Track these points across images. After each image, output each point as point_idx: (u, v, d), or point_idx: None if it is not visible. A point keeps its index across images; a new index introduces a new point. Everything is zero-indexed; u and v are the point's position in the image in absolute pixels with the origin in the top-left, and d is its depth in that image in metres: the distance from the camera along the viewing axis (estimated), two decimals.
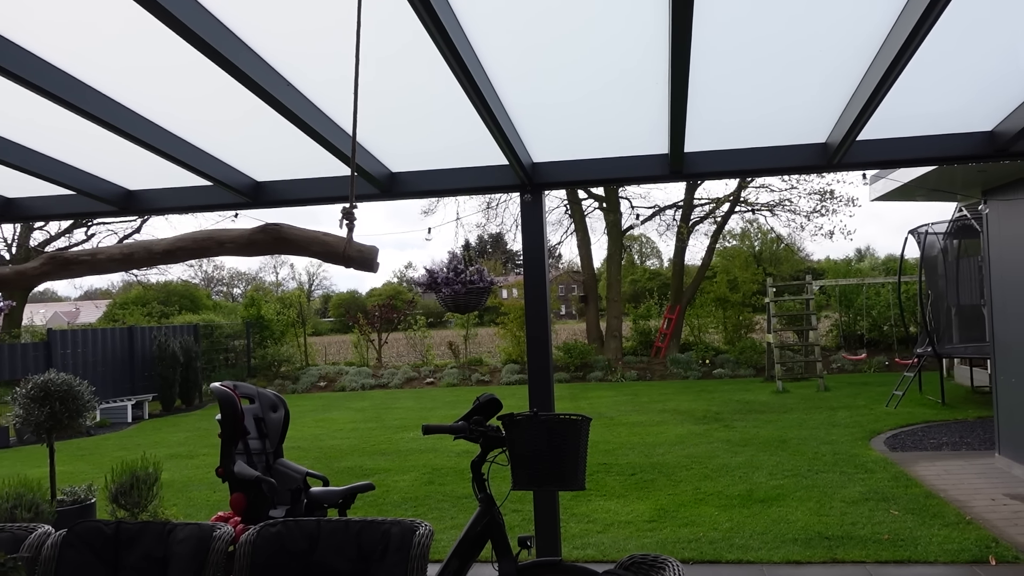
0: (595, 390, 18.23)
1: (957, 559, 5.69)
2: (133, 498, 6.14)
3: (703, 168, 4.33)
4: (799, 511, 7.04)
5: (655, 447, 10.54)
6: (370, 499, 8.18)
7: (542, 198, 4.54)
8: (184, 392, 18.87)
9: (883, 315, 21.21)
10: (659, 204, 25.68)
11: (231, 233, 2.17)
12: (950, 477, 8.06)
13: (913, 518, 6.66)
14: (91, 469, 10.71)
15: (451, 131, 4.14)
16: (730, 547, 6.15)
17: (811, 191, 22.78)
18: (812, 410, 13.25)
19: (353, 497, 4.40)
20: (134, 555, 2.98)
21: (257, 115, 3.63)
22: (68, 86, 3.33)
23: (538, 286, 4.49)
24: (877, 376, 17.97)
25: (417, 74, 3.48)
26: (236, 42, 2.99)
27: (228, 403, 4.31)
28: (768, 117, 4.03)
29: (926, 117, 4.04)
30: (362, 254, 2.11)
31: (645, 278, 45.56)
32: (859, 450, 9.64)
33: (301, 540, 2.93)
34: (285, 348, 24.14)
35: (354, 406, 17.29)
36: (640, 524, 6.92)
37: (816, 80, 3.59)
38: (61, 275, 2.33)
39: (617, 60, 3.41)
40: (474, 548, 3.48)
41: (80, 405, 6.35)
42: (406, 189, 4.60)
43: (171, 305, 35.75)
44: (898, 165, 4.43)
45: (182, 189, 4.88)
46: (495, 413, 3.53)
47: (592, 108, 3.92)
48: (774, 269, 26.89)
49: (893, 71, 3.13)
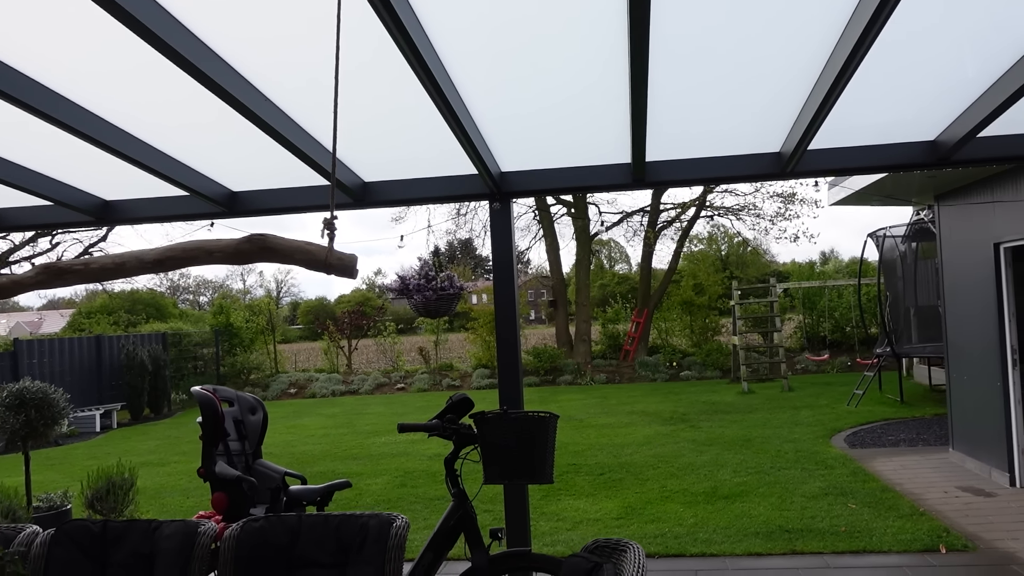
0: (565, 393, 18.44)
1: (910, 548, 5.95)
2: (109, 503, 6.21)
3: (664, 176, 4.53)
4: (761, 506, 7.27)
5: (623, 447, 10.76)
6: (344, 501, 8.30)
7: (510, 206, 4.72)
8: (153, 401, 18.79)
9: (845, 317, 21.67)
10: (626, 210, 26.02)
11: (219, 243, 2.32)
12: (906, 472, 8.35)
13: (870, 511, 6.92)
14: (61, 478, 10.70)
15: (422, 141, 4.30)
16: (694, 541, 6.36)
17: (774, 194, 23.20)
18: (776, 410, 13.56)
19: (331, 495, 4.54)
20: (121, 552, 3.11)
21: (232, 126, 3.76)
22: (44, 97, 3.43)
23: (507, 291, 4.66)
24: (839, 376, 18.37)
25: (388, 87, 3.63)
26: (212, 56, 3.12)
27: (208, 406, 4.44)
28: (725, 128, 4.24)
29: (873, 128, 4.28)
30: (343, 261, 2.27)
31: (614, 283, 45.92)
32: (820, 447, 9.92)
33: (283, 534, 3.07)
34: (255, 356, 24.08)
35: (325, 412, 17.34)
36: (608, 521, 7.11)
37: (768, 93, 3.81)
38: (55, 284, 2.47)
39: (580, 74, 3.59)
40: (448, 541, 3.64)
41: (55, 413, 6.41)
42: (379, 198, 4.75)
43: (137, 314, 35.42)
44: (847, 173, 4.67)
45: (158, 199, 4.99)
46: (467, 412, 3.70)
47: (558, 119, 4.10)
48: (740, 272, 27.33)
49: (838, 84, 3.35)
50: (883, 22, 2.84)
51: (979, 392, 8.05)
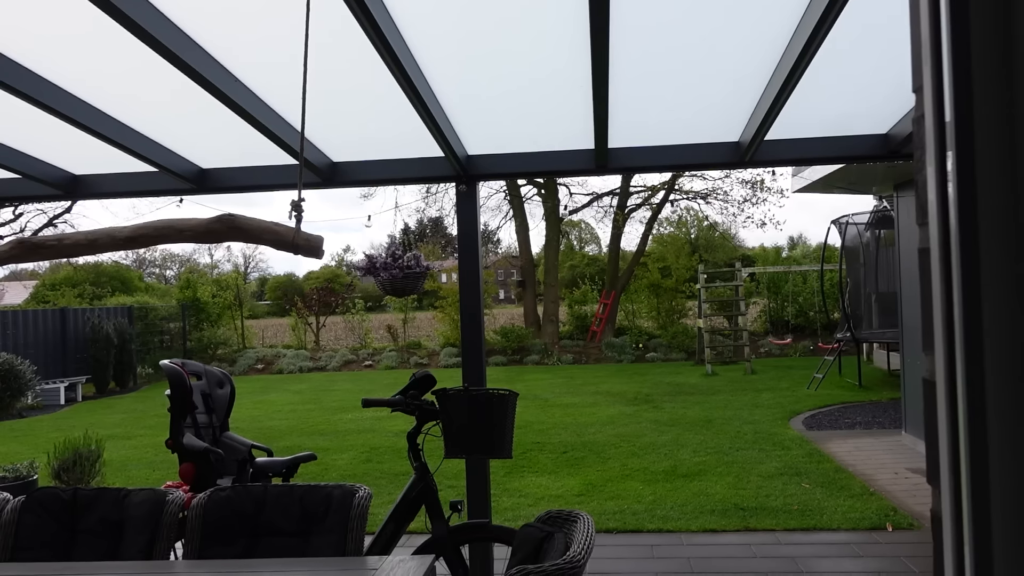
0: (531, 373, 18.62)
1: (858, 526, 6.18)
2: (76, 474, 6.26)
3: (626, 163, 4.65)
4: (718, 485, 7.48)
5: (587, 427, 10.95)
6: (310, 476, 8.39)
7: (476, 189, 4.82)
8: (118, 374, 18.69)
9: (809, 301, 22.05)
10: (596, 191, 26.16)
11: (190, 222, 2.41)
12: (859, 453, 8.61)
13: (822, 491, 7.16)
14: (26, 450, 10.68)
15: (391, 123, 4.37)
16: (652, 518, 6.55)
17: (742, 181, 23.48)
18: (738, 392, 13.83)
19: (296, 467, 4.65)
20: (91, 519, 3.19)
21: (203, 105, 3.81)
22: (14, 73, 3.47)
23: (472, 273, 4.77)
24: (802, 360, 18.73)
25: (356, 67, 3.70)
26: (177, 31, 3.17)
27: (177, 379, 4.52)
28: (685, 117, 4.36)
29: (828, 120, 4.42)
30: (309, 243, 2.38)
31: (583, 264, 46.15)
32: (778, 429, 10.18)
33: (249, 503, 3.18)
34: (222, 331, 24.01)
35: (292, 388, 17.38)
36: (569, 498, 7.29)
37: (727, 84, 3.93)
38: (28, 258, 2.54)
39: (545, 60, 3.69)
40: (409, 513, 3.77)
41: (21, 384, 6.43)
42: (347, 178, 4.83)
43: (103, 287, 35.07)
44: (803, 163, 4.83)
45: (128, 175, 5.02)
46: (430, 388, 3.82)
47: (523, 104, 4.21)
48: (709, 256, 27.63)
49: (793, 77, 3.48)
50: (836, 15, 2.97)
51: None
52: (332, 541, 3.06)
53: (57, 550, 3.12)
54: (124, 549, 3.10)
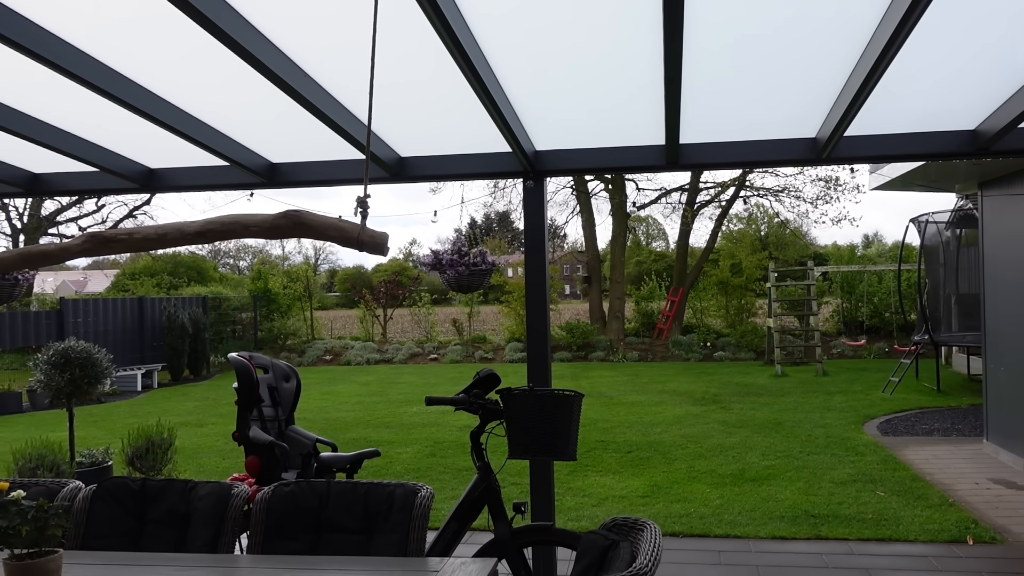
0: (596, 370, 18.49)
1: (936, 538, 5.93)
2: (148, 461, 6.41)
3: (698, 159, 4.53)
4: (788, 490, 7.29)
5: (652, 426, 10.80)
6: (374, 469, 8.46)
7: (544, 185, 4.75)
8: (192, 363, 19.19)
9: (884, 302, 21.40)
10: (664, 187, 25.82)
11: (256, 218, 2.39)
12: (937, 461, 8.29)
13: (898, 499, 6.91)
14: (103, 434, 11.02)
15: (458, 119, 4.34)
16: (719, 523, 6.40)
17: (816, 178, 22.90)
18: (809, 394, 13.49)
19: (360, 462, 4.66)
20: (158, 509, 3.24)
21: (272, 100, 3.83)
22: (92, 69, 3.53)
23: (538, 270, 4.71)
24: (876, 362, 18.19)
25: (426, 65, 3.67)
26: (251, 30, 3.18)
27: (244, 372, 4.57)
28: (761, 111, 4.22)
29: (911, 115, 4.23)
30: (374, 239, 2.34)
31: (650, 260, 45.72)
32: (852, 434, 9.88)
33: (312, 499, 3.18)
34: (291, 322, 24.44)
35: (359, 380, 17.59)
36: (634, 499, 7.18)
37: (805, 77, 3.78)
38: (101, 252, 2.57)
39: (616, 54, 3.60)
40: (471, 512, 3.73)
41: (98, 372, 6.61)
42: (414, 173, 4.81)
43: (179, 277, 36.08)
44: (884, 160, 4.63)
45: (200, 168, 5.10)
46: (494, 387, 3.78)
47: (592, 99, 4.12)
48: (780, 254, 27.04)
49: (877, 70, 3.32)
50: (925, 6, 2.82)
51: (1016, 383, 7.95)
52: (394, 540, 3.04)
53: (126, 539, 3.17)
54: (190, 540, 3.13)
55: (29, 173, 5.18)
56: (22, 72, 3.62)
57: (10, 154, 4.87)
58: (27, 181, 5.16)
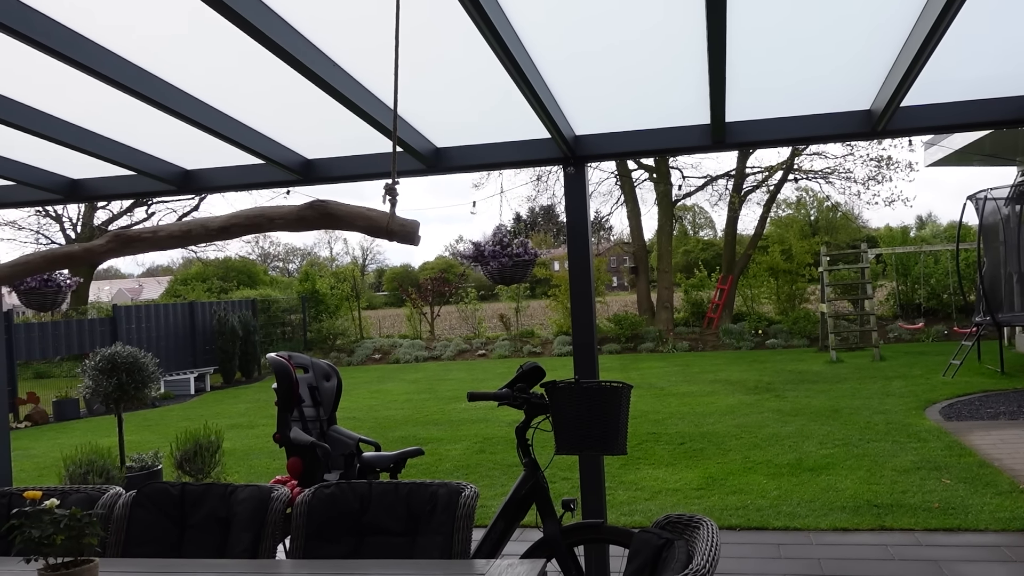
0: (646, 361, 18.26)
1: (1008, 527, 5.66)
2: (197, 464, 6.42)
3: (745, 138, 4.34)
4: (848, 480, 7.04)
5: (705, 417, 10.58)
6: (423, 467, 8.39)
7: (585, 171, 4.60)
8: (243, 365, 19.40)
9: (942, 283, 20.78)
10: (710, 174, 25.43)
11: (281, 210, 2.29)
12: (1005, 446, 7.96)
13: (965, 487, 6.63)
14: (156, 438, 11.14)
15: (495, 105, 4.21)
16: (777, 514, 6.20)
17: (867, 157, 22.31)
18: (866, 380, 13.12)
19: (403, 462, 4.56)
20: (199, 514, 3.17)
21: (306, 95, 3.75)
22: (127, 72, 3.48)
23: (582, 258, 4.56)
24: (935, 346, 17.67)
25: (459, 49, 3.55)
26: (282, 24, 3.10)
27: (283, 372, 4.50)
28: (810, 84, 4.02)
29: (973, 81, 3.99)
30: (404, 228, 2.22)
31: (698, 249, 45.18)
32: (913, 419, 9.55)
33: (354, 501, 3.08)
34: (340, 322, 24.59)
35: (408, 378, 17.60)
36: (688, 492, 7.00)
37: (858, 44, 3.58)
38: (125, 252, 2.48)
39: (657, 28, 3.43)
40: (519, 511, 3.61)
41: (145, 377, 6.64)
42: (451, 164, 4.70)
43: (230, 281, 36.59)
44: (944, 131, 4.40)
45: (236, 168, 5.05)
46: (538, 381, 3.64)
47: (633, 81, 3.96)
48: (830, 238, 26.44)
49: (936, 31, 3.10)
50: None
51: None
52: (438, 542, 2.93)
53: (167, 546, 3.11)
54: (231, 546, 3.06)
55: (68, 179, 5.18)
56: (56, 77, 3.58)
57: (48, 160, 4.87)
58: (66, 187, 5.16)
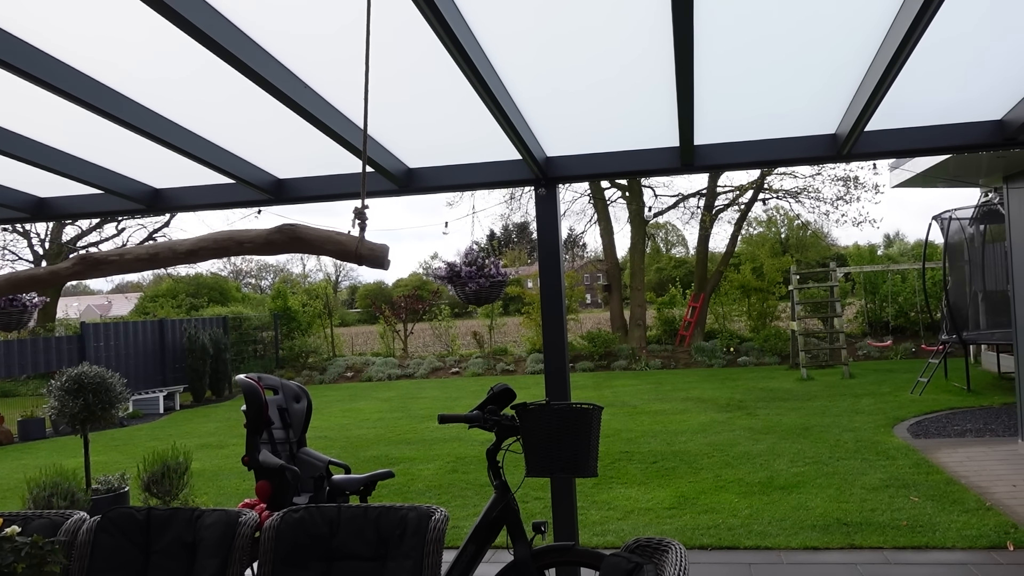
0: (619, 379, 18.29)
1: (975, 545, 5.72)
2: (164, 486, 6.32)
3: (714, 160, 4.39)
4: (819, 498, 7.09)
5: (677, 435, 10.61)
6: (394, 487, 8.34)
7: (556, 192, 4.63)
8: (214, 383, 19.18)
9: (909, 301, 21.07)
10: (682, 192, 25.70)
11: (250, 234, 2.28)
12: (972, 464, 8.06)
13: (933, 504, 6.69)
14: (124, 459, 10.97)
15: (467, 127, 4.23)
16: (749, 534, 6.22)
17: (835, 178, 22.62)
18: (836, 397, 13.24)
19: (374, 485, 4.53)
20: (164, 540, 3.13)
21: (277, 115, 3.74)
22: (95, 91, 3.46)
23: (554, 280, 4.58)
24: (903, 363, 17.87)
25: (434, 74, 3.57)
26: (254, 47, 3.10)
27: (252, 394, 4.46)
28: (776, 109, 4.08)
29: (934, 107, 4.07)
30: (373, 252, 2.22)
31: (670, 266, 45.46)
32: (882, 437, 9.65)
33: (322, 525, 3.05)
34: (312, 339, 24.42)
35: (380, 396, 17.50)
36: (660, 511, 7.01)
37: (823, 71, 3.64)
38: (92, 274, 2.46)
39: (626, 54, 3.48)
40: (490, 533, 3.60)
41: (112, 397, 6.54)
42: (423, 184, 4.70)
43: (201, 298, 36.25)
44: (907, 155, 4.47)
45: (207, 187, 5.02)
46: (509, 402, 3.64)
47: (603, 103, 3.99)
48: (801, 256, 26.73)
49: (897, 61, 3.17)
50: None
51: None
52: (408, 566, 2.91)
53: (131, 573, 3.06)
54: (197, 572, 3.02)
55: (34, 198, 5.12)
56: (23, 96, 3.55)
57: (15, 179, 4.82)
58: (33, 206, 5.11)
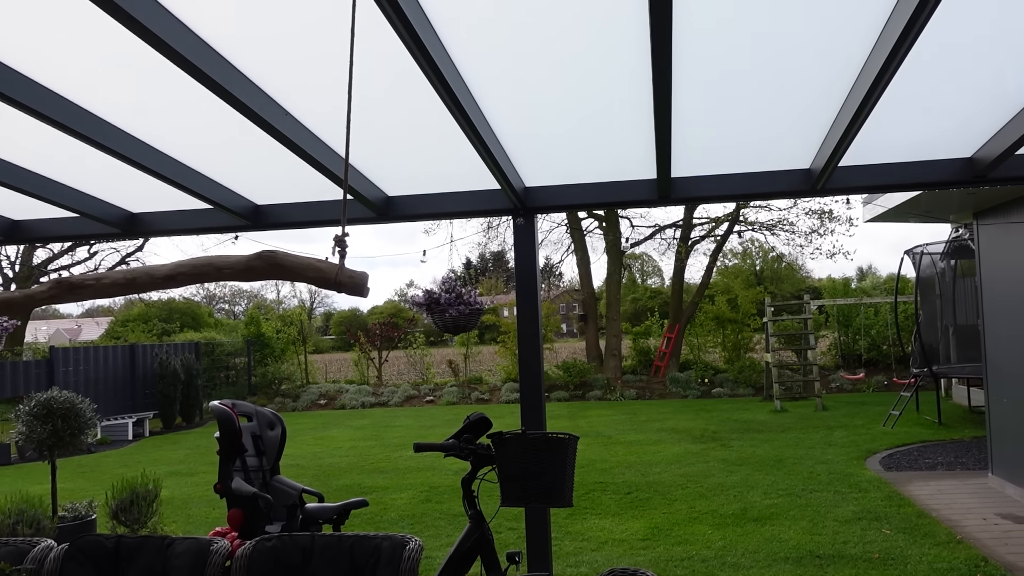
0: (594, 408, 18.29)
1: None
2: (133, 514, 6.22)
3: (691, 193, 4.45)
4: (792, 530, 7.11)
5: (652, 466, 10.61)
6: (367, 516, 8.25)
7: (534, 221, 4.66)
8: (185, 410, 18.93)
9: (882, 334, 21.29)
10: (659, 223, 25.83)
11: (229, 259, 2.28)
12: (943, 497, 8.12)
13: (904, 537, 6.73)
14: (92, 486, 10.78)
15: (446, 156, 4.26)
16: (722, 565, 6.22)
17: (810, 211, 22.91)
18: (809, 429, 13.31)
19: (347, 513, 4.49)
20: (134, 569, 3.08)
21: (256, 142, 3.75)
22: (73, 114, 3.45)
23: (530, 309, 4.60)
24: (875, 396, 18.02)
25: (414, 103, 3.60)
26: (235, 73, 3.11)
27: (226, 421, 4.42)
28: (753, 144, 4.15)
29: (906, 144, 4.16)
30: (353, 280, 2.22)
31: (646, 296, 45.67)
32: (854, 469, 9.70)
33: (295, 554, 3.02)
34: (286, 366, 24.18)
35: (354, 424, 17.35)
36: (634, 542, 6.99)
37: (798, 108, 3.71)
38: (67, 298, 2.44)
39: (605, 89, 3.53)
40: (464, 564, 3.57)
41: (82, 423, 6.45)
42: (402, 212, 4.72)
43: (173, 323, 35.86)
44: (879, 191, 4.56)
45: (184, 212, 5.00)
46: (485, 431, 3.64)
47: (582, 134, 4.05)
48: (775, 288, 26.99)
49: (869, 100, 3.25)
50: (915, 36, 2.75)
51: (1020, 414, 7.81)
52: None
53: None
54: None
55: (8, 220, 5.07)
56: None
57: None
58: (6, 229, 5.06)
